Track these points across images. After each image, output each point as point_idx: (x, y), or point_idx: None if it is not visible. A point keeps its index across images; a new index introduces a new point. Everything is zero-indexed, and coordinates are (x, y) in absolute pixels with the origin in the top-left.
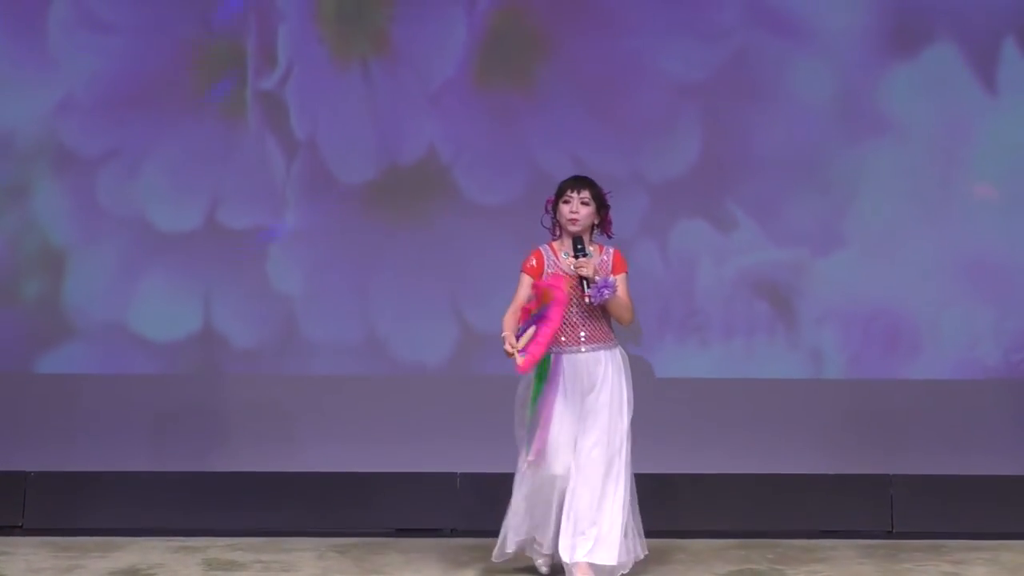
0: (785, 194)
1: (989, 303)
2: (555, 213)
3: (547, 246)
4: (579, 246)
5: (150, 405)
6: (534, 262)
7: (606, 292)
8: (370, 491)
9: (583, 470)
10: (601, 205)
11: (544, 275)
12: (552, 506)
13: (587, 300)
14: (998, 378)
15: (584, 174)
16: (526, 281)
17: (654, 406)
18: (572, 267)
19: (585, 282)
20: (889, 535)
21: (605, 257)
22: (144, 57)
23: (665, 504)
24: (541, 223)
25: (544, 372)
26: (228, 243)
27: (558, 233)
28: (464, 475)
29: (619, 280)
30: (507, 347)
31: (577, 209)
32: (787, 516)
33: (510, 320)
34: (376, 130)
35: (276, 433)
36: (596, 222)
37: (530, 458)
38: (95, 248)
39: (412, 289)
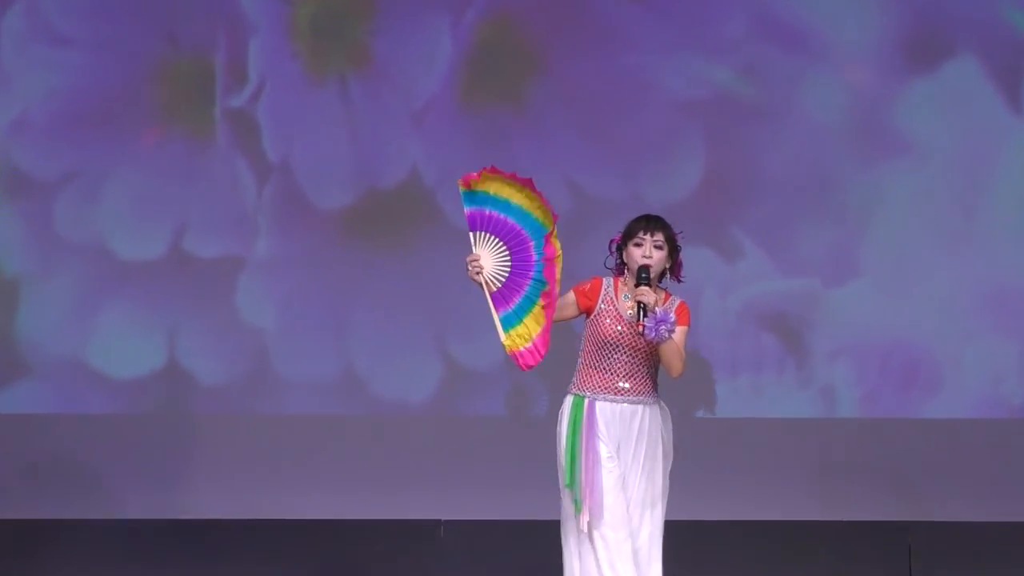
0: (795, 220)
1: (1014, 337)
2: (621, 255)
3: (611, 280)
4: (644, 275)
5: (110, 447)
6: (588, 287)
7: (663, 328)
8: (348, 539)
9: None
10: (673, 248)
11: (596, 308)
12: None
13: (640, 330)
14: None
15: (642, 207)
16: (569, 296)
17: None
18: (629, 312)
19: (643, 311)
20: None
21: (669, 307)
22: (104, 73)
23: (663, 553)
24: (604, 265)
25: (578, 422)
26: (195, 273)
27: (625, 275)
28: (449, 523)
29: (678, 331)
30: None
31: (650, 253)
32: (796, 566)
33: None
34: (355, 151)
35: (246, 477)
36: (668, 266)
37: (583, 524)
38: (51, 278)
39: (393, 322)
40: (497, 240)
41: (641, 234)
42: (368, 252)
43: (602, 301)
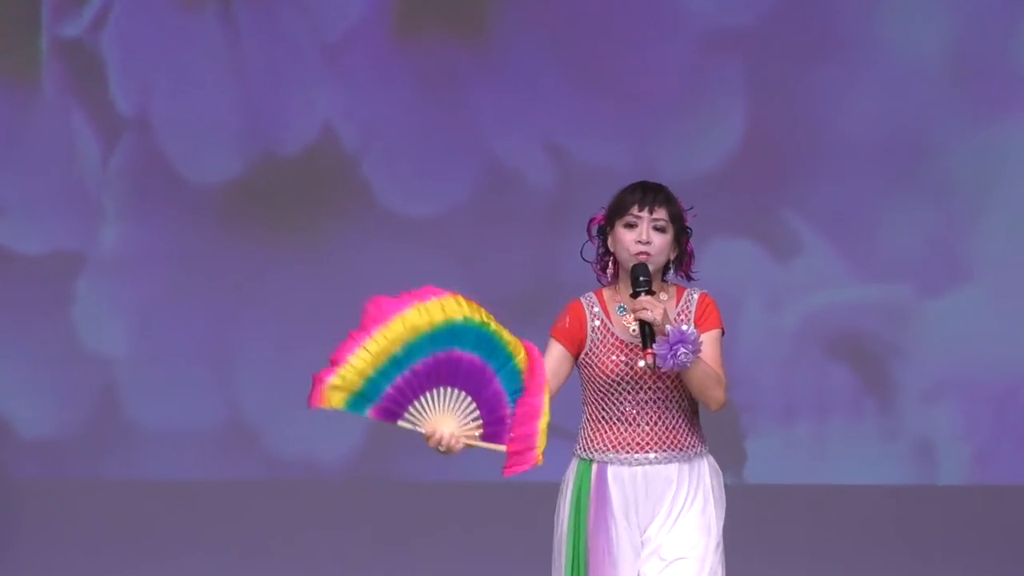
0: (875, 201)
1: None
2: (605, 241)
3: (591, 297)
4: (641, 277)
5: None
6: (567, 323)
7: (682, 352)
8: None
9: None
10: (681, 230)
11: (587, 344)
12: None
13: (647, 362)
14: None
15: (656, 181)
16: (554, 351)
17: None
18: (633, 329)
19: (647, 334)
20: None
21: (686, 305)
22: None
23: None
24: (581, 255)
25: (585, 491)
26: (13, 276)
27: (610, 277)
28: None
29: (707, 340)
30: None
31: (648, 237)
32: None
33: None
34: (242, 102)
35: (88, 566)
36: (672, 256)
37: None
38: None
39: (297, 346)
40: (430, 397)
41: (635, 210)
42: (263, 245)
43: (591, 331)
